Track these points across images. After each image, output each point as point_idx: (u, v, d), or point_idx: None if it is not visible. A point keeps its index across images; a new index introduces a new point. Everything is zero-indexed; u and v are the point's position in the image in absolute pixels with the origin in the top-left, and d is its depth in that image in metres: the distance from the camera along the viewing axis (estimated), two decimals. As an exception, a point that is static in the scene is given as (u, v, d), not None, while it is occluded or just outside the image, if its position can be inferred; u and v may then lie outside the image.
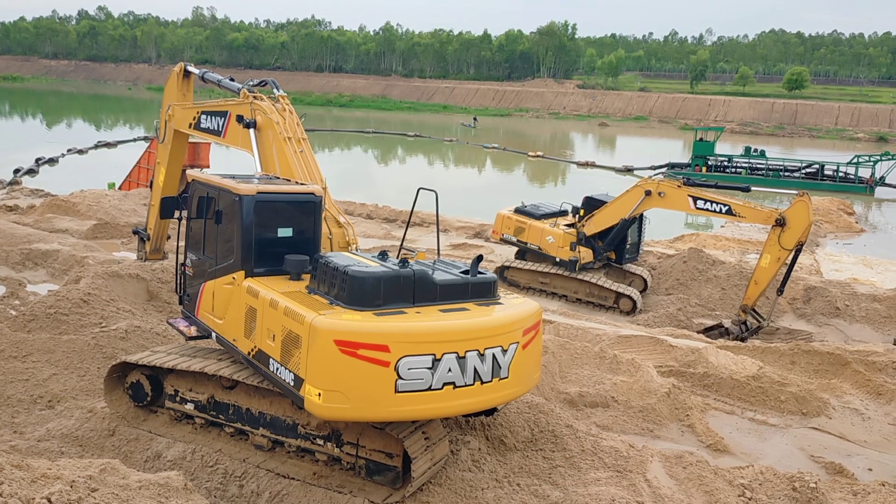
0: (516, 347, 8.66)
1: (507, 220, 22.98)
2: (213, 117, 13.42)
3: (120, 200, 28.93)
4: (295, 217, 9.70)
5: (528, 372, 9.05)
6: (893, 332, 19.62)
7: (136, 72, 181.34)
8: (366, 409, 8.01)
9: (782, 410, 13.40)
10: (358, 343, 7.80)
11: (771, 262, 18.37)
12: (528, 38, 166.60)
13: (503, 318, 8.67)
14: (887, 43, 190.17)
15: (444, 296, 8.67)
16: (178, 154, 16.15)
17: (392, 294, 8.41)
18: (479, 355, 8.31)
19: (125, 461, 9.38)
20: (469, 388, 8.30)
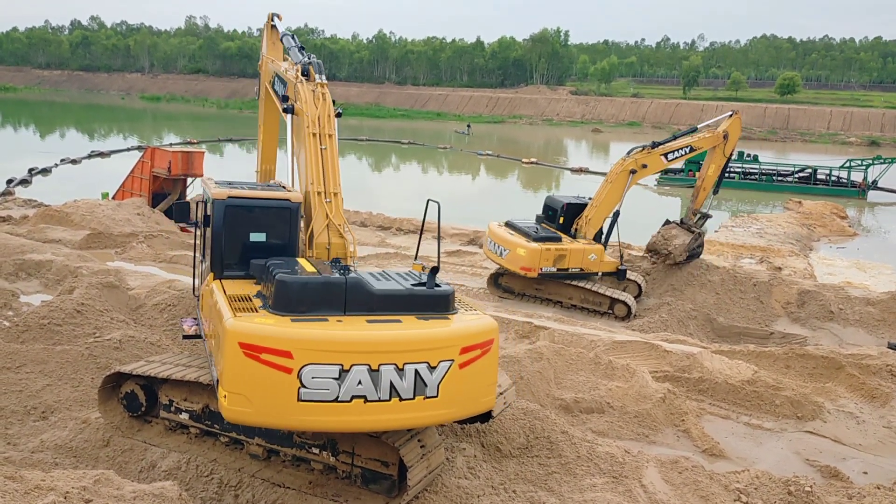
0: (450, 366, 8.17)
1: (545, 252, 20.56)
2: (282, 85, 12.68)
3: (113, 210, 28.84)
4: (268, 223, 9.70)
5: (469, 393, 8.47)
6: (887, 335, 19.67)
7: (129, 81, 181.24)
8: (268, 416, 7.91)
9: (777, 414, 13.42)
10: (261, 347, 7.68)
11: (715, 170, 23.20)
12: (520, 45, 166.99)
13: (431, 333, 8.26)
14: (878, 47, 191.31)
15: (381, 306, 8.36)
16: (272, 114, 14.73)
17: (320, 301, 8.24)
18: (398, 370, 7.91)
19: (120, 472, 9.34)
20: (384, 403, 7.93)
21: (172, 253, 23.14)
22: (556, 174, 62.99)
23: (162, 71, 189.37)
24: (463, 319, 8.65)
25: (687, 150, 22.53)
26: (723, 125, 23.16)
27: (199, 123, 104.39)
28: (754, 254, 30.40)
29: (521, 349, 14.37)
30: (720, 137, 22.74)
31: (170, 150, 31.39)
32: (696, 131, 23.14)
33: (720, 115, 24.32)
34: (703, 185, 23.47)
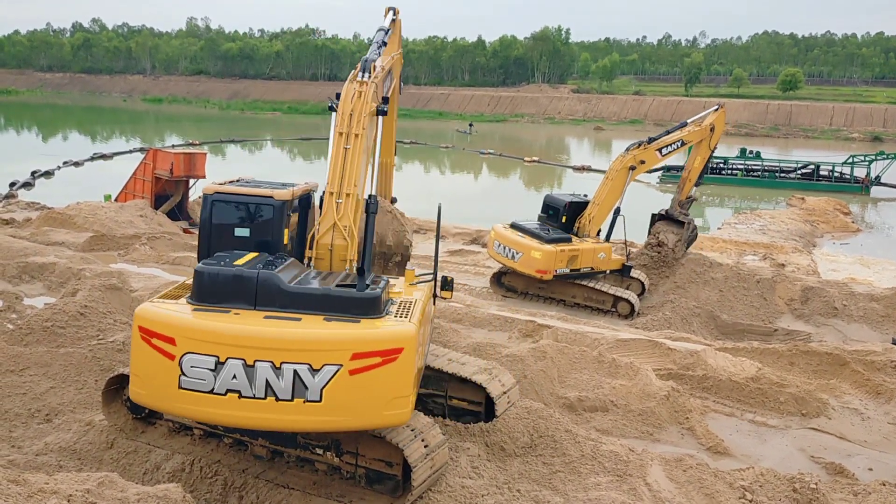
0: (337, 370, 7.80)
1: (560, 254, 20.53)
2: None
3: (116, 212, 28.88)
4: (252, 219, 9.76)
5: (364, 403, 7.97)
6: (891, 331, 19.63)
7: (131, 83, 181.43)
8: (156, 400, 8.10)
9: (782, 411, 13.39)
10: (152, 332, 7.89)
11: (700, 162, 24.07)
12: (522, 44, 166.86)
13: (315, 334, 7.95)
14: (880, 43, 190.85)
15: (294, 304, 8.23)
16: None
17: (231, 294, 8.27)
18: (274, 368, 7.73)
19: (124, 474, 9.34)
20: (259, 401, 7.79)
21: (175, 254, 23.15)
22: (558, 173, 62.95)
23: (163, 73, 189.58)
24: (374, 325, 8.16)
25: (679, 144, 23.22)
26: (708, 119, 23.81)
27: (201, 125, 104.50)
28: (757, 251, 30.34)
29: (525, 348, 14.36)
30: (707, 131, 23.51)
31: (172, 152, 31.42)
32: (685, 126, 23.73)
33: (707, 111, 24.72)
34: (689, 177, 24.36)
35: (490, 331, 16.97)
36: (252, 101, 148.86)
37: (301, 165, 67.95)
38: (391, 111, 13.63)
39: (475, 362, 11.61)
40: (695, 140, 23.69)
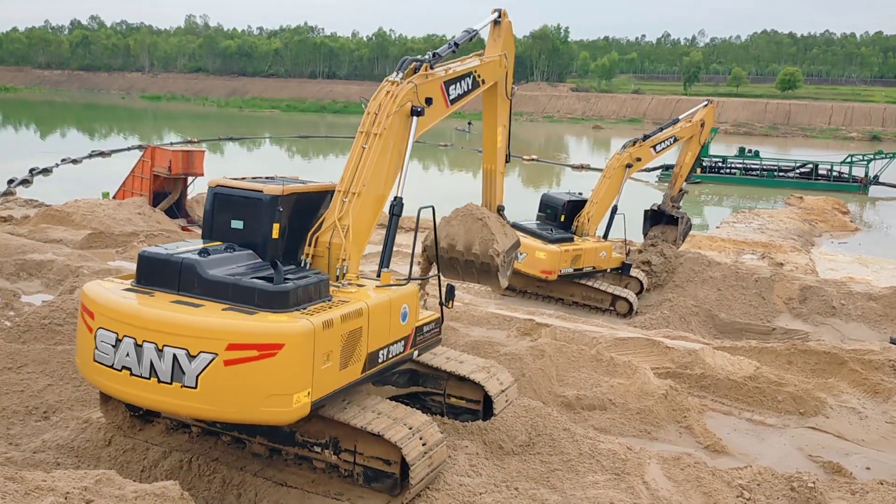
0: (212, 359, 7.77)
1: (564, 254, 20.47)
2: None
3: (114, 210, 28.86)
4: (245, 213, 9.89)
5: (239, 396, 7.88)
6: (889, 330, 19.65)
7: (129, 81, 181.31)
8: (82, 369, 8.85)
9: (780, 410, 13.40)
10: (84, 307, 8.61)
11: (691, 157, 24.65)
12: (521, 42, 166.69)
13: (193, 320, 8.00)
14: (879, 42, 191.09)
15: (210, 291, 8.42)
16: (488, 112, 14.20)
17: (161, 278, 8.70)
18: (157, 350, 7.94)
19: (121, 471, 9.33)
20: (146, 381, 8.04)
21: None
22: (556, 171, 62.97)
23: (162, 70, 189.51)
24: (265, 318, 8.03)
25: (672, 140, 23.61)
26: (698, 115, 24.42)
27: (200, 122, 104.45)
28: (756, 250, 30.37)
29: (523, 346, 14.35)
30: (697, 126, 24.04)
31: (170, 150, 31.44)
32: (677, 122, 24.13)
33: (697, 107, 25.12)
34: (680, 172, 24.94)
35: (488, 329, 16.97)
36: (250, 99, 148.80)
37: (299, 163, 67.94)
38: (498, 117, 13.82)
39: (473, 361, 11.61)
40: (686, 135, 24.04)
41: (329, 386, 8.43)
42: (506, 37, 13.66)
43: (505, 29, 13.64)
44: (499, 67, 13.36)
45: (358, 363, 8.91)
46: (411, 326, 10.01)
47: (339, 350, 8.49)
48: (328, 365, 8.32)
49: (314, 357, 8.07)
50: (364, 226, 10.14)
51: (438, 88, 11.46)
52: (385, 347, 9.46)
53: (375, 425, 8.88)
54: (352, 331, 8.67)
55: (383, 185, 10.37)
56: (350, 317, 8.63)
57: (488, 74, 13.08)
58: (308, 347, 7.98)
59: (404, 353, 9.97)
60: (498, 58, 13.34)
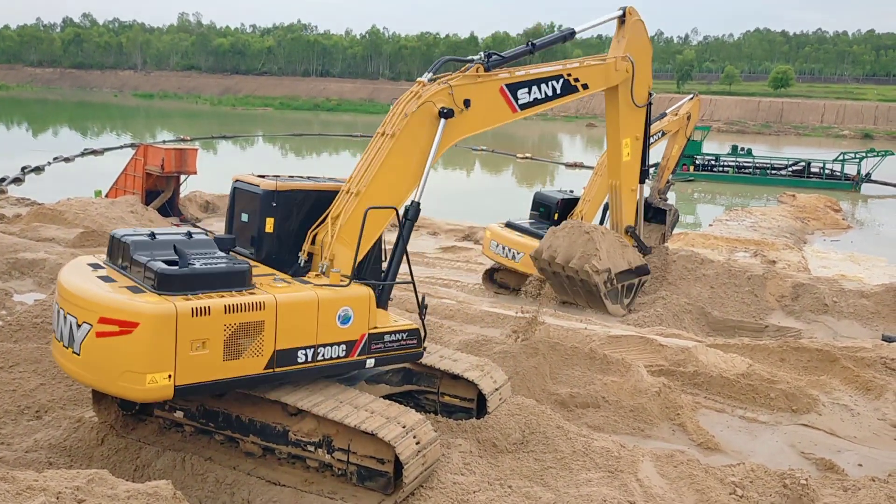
0: (89, 329, 8.23)
1: None
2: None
3: (107, 208, 28.74)
4: (248, 206, 10.41)
5: (105, 367, 8.28)
6: (881, 327, 19.72)
7: (121, 79, 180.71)
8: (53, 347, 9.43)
9: (772, 408, 13.44)
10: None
11: (678, 150, 24.80)
12: (514, 40, 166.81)
13: (83, 290, 8.56)
14: (871, 40, 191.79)
15: (134, 272, 9.00)
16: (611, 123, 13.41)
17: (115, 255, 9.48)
18: (64, 316, 8.66)
19: (114, 471, 9.30)
20: (62, 347, 8.78)
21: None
22: (550, 169, 63.04)
23: (155, 68, 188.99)
24: (141, 297, 8.34)
25: (660, 134, 23.47)
26: (684, 108, 24.68)
27: (193, 120, 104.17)
28: (748, 247, 30.44)
29: (516, 345, 14.36)
30: (684, 119, 24.30)
31: (163, 148, 31.35)
32: (664, 116, 24.08)
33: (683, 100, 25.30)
34: (667, 165, 25.23)
35: (482, 327, 16.97)
36: (243, 97, 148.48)
37: (293, 161, 67.83)
38: (620, 127, 12.92)
39: (467, 359, 11.62)
40: (674, 129, 24.13)
41: (205, 374, 8.45)
42: (632, 37, 12.64)
43: (631, 29, 12.66)
44: (612, 72, 12.41)
45: (259, 358, 8.83)
46: (360, 332, 9.60)
47: (222, 340, 8.48)
48: (202, 353, 8.37)
49: (176, 341, 8.16)
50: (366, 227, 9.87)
51: (495, 92, 10.85)
52: (310, 348, 9.20)
53: (369, 424, 8.88)
54: (244, 323, 8.60)
55: (391, 187, 10.02)
56: (241, 308, 8.55)
57: (593, 79, 12.14)
58: (165, 330, 8.09)
59: (348, 358, 9.56)
60: (611, 61, 12.41)
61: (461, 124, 10.48)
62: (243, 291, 8.81)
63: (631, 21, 12.59)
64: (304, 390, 9.51)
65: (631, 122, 13.05)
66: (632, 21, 12.62)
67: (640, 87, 12.73)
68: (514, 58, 11.36)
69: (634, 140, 13.14)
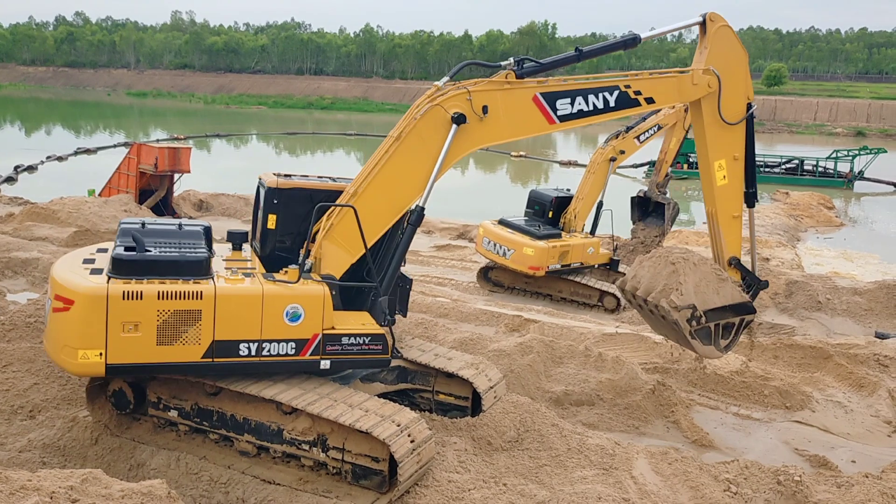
0: (50, 305, 8.98)
1: (551, 250, 20.35)
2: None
3: (100, 207, 28.62)
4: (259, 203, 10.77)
5: (55, 339, 9.00)
6: (874, 324, 19.79)
7: (115, 77, 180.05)
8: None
9: (766, 405, 13.49)
10: None
11: (676, 143, 23.78)
12: (508, 39, 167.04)
13: (55, 271, 9.23)
14: (864, 38, 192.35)
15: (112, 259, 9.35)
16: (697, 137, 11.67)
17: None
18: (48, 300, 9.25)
19: (108, 470, 9.28)
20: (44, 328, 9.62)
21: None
22: (545, 167, 63.09)
23: (148, 66, 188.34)
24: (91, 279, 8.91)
25: (656, 128, 23.01)
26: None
27: (186, 119, 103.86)
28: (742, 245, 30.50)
29: (511, 343, 14.37)
30: (682, 112, 23.09)
31: (156, 147, 31.18)
32: (660, 110, 23.09)
33: None
34: (665, 159, 24.40)
35: (477, 325, 16.99)
36: (237, 96, 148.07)
37: (287, 160, 67.71)
38: (709, 148, 11.01)
39: (462, 357, 11.63)
40: (670, 122, 23.62)
41: (137, 356, 8.84)
42: (717, 47, 10.83)
43: (713, 37, 10.82)
44: (688, 86, 10.82)
45: (196, 346, 9.03)
46: (312, 331, 9.50)
47: (155, 325, 8.80)
48: (135, 335, 8.75)
49: (108, 322, 8.63)
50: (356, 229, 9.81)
51: (527, 100, 10.16)
52: (253, 342, 9.25)
53: (364, 422, 8.89)
54: (179, 311, 8.85)
55: (391, 191, 9.90)
56: (175, 296, 8.81)
57: (661, 93, 10.81)
58: (96, 310, 8.60)
59: (298, 357, 9.49)
60: (687, 73, 10.78)
61: (482, 132, 10.04)
62: (197, 281, 9.05)
63: (714, 28, 10.84)
64: (297, 389, 9.51)
65: (723, 141, 11.22)
66: (715, 28, 10.84)
67: (732, 101, 11.01)
68: (555, 65, 10.44)
69: (732, 161, 11.30)
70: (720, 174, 11.35)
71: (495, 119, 10.07)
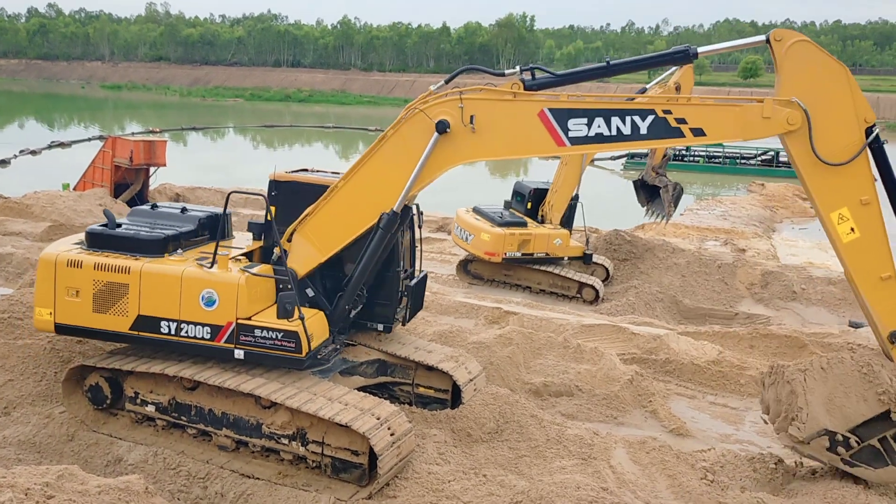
0: None
1: (509, 237, 20.36)
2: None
3: (75, 201, 28.30)
4: None
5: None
6: (848, 313, 20.06)
7: (89, 70, 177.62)
8: None
9: (742, 393, 13.64)
10: None
11: None
12: (487, 31, 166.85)
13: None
14: (838, 31, 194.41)
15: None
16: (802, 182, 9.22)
17: None
18: None
19: (85, 466, 9.20)
20: None
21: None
22: (525, 159, 63.10)
23: (122, 59, 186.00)
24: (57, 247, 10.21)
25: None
26: (674, 77, 21.82)
27: (162, 112, 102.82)
28: (719, 236, 30.75)
29: (491, 335, 14.41)
30: (672, 91, 21.43)
31: (131, 140, 30.79)
32: (644, 92, 20.65)
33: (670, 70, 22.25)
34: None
35: (456, 318, 17.00)
36: (213, 88, 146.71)
37: (264, 153, 67.28)
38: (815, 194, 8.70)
39: (442, 350, 11.66)
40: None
41: (78, 319, 9.85)
42: (795, 70, 8.51)
43: (788, 58, 8.52)
44: (756, 120, 8.56)
45: (124, 318, 9.72)
46: (226, 319, 9.45)
47: (91, 293, 9.73)
48: (76, 300, 9.78)
49: (55, 285, 9.80)
50: (332, 225, 9.76)
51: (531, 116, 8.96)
52: (173, 321, 9.58)
53: (343, 416, 8.88)
54: (109, 283, 9.66)
55: (369, 191, 9.59)
56: (107, 269, 9.71)
57: (714, 124, 8.70)
58: (47, 274, 9.85)
59: (213, 343, 9.51)
60: (759, 105, 8.56)
61: (472, 145, 9.16)
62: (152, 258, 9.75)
63: (785, 48, 8.52)
64: (276, 383, 9.48)
65: (835, 186, 8.64)
66: (786, 47, 8.51)
67: (836, 133, 8.52)
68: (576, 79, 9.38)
69: (859, 207, 8.61)
70: (843, 228, 8.77)
71: (490, 133, 9.12)
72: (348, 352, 11.22)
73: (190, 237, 10.39)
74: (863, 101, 8.64)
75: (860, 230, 8.78)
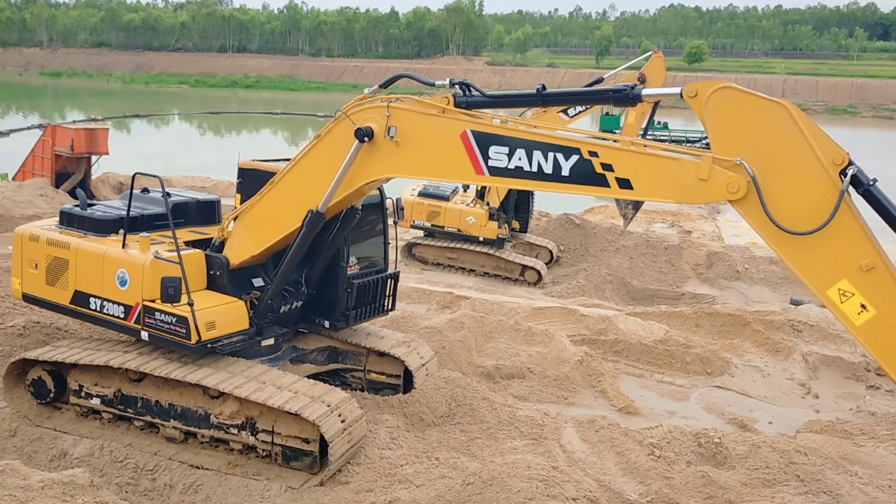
0: None
1: (418, 205, 21.51)
2: None
3: (14, 192, 27.46)
4: None
5: None
6: (790, 292, 20.62)
7: (26, 56, 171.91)
8: None
9: (688, 371, 13.95)
10: None
11: (636, 117, 21.32)
12: (435, 16, 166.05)
13: None
14: (779, 16, 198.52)
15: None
16: None
17: None
18: None
19: (28, 462, 8.99)
20: None
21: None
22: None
23: (62, 45, 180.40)
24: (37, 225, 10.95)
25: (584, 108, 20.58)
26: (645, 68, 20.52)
27: (104, 99, 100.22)
28: (665, 218, 31.31)
29: (443, 319, 14.47)
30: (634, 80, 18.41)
31: (72, 128, 29.97)
32: (601, 82, 19.70)
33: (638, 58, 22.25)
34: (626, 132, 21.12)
35: (408, 304, 17.01)
36: (157, 75, 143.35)
37: (211, 140, 66.13)
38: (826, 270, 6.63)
39: (393, 336, 11.65)
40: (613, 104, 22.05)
41: (36, 291, 10.53)
42: (726, 129, 7.03)
43: (712, 114, 7.08)
44: (690, 181, 7.10)
45: (65, 291, 10.20)
46: (135, 300, 9.51)
47: (45, 267, 10.33)
48: (35, 272, 10.44)
49: (22, 258, 10.57)
50: (265, 218, 9.62)
51: (453, 136, 8.12)
52: (98, 298, 9.91)
53: (293, 404, 8.83)
54: (56, 258, 10.20)
55: (297, 190, 9.33)
56: (54, 244, 10.25)
57: (643, 178, 7.33)
58: (18, 248, 10.60)
59: (126, 322, 9.64)
60: (696, 161, 7.09)
61: (394, 159, 8.55)
62: (99, 237, 10.14)
63: (703, 103, 7.08)
64: (224, 372, 9.37)
65: (818, 258, 6.72)
66: (704, 101, 7.07)
67: (801, 195, 6.70)
68: (507, 103, 8.69)
69: (863, 275, 6.56)
70: (851, 307, 6.66)
71: (411, 149, 8.42)
72: (299, 339, 11.15)
73: (159, 220, 10.30)
74: (825, 140, 6.65)
75: (874, 305, 6.58)
